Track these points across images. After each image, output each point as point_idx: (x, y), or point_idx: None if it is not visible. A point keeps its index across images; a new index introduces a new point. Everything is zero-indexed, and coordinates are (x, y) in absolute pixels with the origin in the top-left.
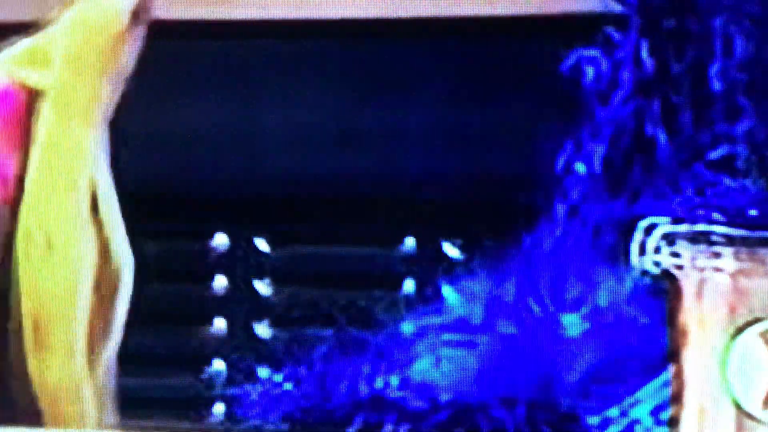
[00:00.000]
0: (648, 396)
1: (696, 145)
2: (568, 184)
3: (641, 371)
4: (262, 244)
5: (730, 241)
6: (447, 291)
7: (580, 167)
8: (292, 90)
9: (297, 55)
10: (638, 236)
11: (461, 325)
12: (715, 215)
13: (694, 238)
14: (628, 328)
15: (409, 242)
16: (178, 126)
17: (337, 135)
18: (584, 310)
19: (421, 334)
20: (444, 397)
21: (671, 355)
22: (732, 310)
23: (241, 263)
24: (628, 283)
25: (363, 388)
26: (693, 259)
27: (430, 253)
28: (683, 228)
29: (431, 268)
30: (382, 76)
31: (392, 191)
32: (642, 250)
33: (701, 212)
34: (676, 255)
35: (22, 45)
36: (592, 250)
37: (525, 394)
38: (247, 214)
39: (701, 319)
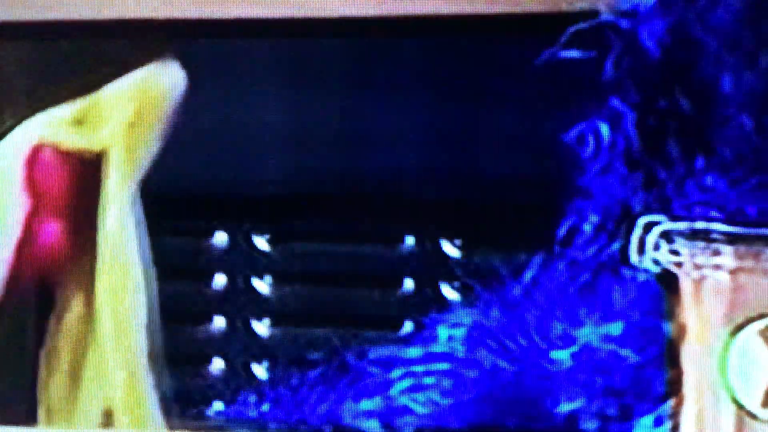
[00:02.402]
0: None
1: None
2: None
3: (634, 410)
4: (261, 243)
5: (729, 238)
6: (446, 290)
7: (584, 227)
8: (291, 89)
9: (296, 54)
10: (637, 234)
11: (445, 355)
12: (714, 213)
13: (693, 236)
14: (620, 368)
15: (409, 241)
16: (177, 124)
17: (337, 133)
18: (573, 348)
19: (405, 361)
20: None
21: (670, 354)
22: (731, 308)
23: (241, 261)
24: (621, 324)
25: (344, 414)
26: (692, 256)
27: (429, 252)
28: (682, 225)
29: (431, 267)
30: (383, 74)
31: (392, 190)
32: (641, 248)
33: (700, 210)
34: (675, 253)
35: (66, 110)
36: (583, 289)
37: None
38: (246, 213)
39: (700, 316)
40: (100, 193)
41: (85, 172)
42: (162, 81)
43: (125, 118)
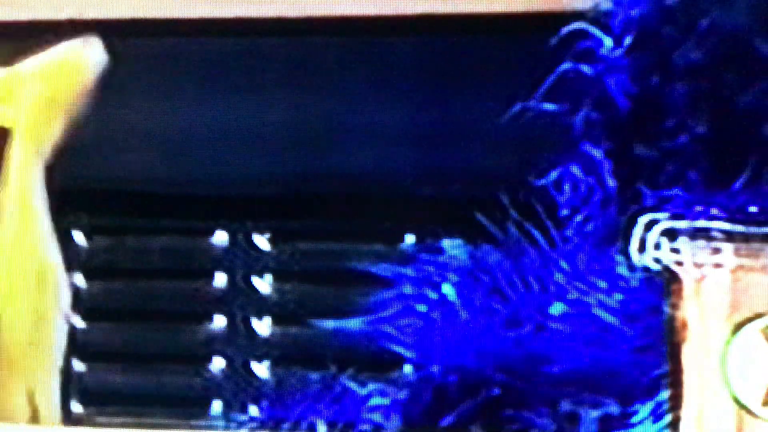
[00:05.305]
0: (643, 418)
1: None
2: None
3: (633, 393)
4: (261, 242)
5: (729, 237)
6: (446, 288)
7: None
8: (291, 89)
9: (296, 53)
10: (638, 232)
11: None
12: (715, 211)
13: (694, 234)
14: (617, 343)
15: (409, 239)
16: (178, 124)
17: (337, 132)
18: (571, 308)
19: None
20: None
21: (671, 351)
22: (732, 307)
23: (241, 260)
24: (619, 296)
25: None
26: (693, 255)
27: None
28: (683, 224)
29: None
30: (382, 73)
31: (392, 189)
32: (642, 247)
33: (700, 208)
34: (676, 251)
35: None
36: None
37: (501, 377)
38: (246, 212)
39: (701, 315)
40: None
41: None
42: (80, 58)
43: (35, 96)
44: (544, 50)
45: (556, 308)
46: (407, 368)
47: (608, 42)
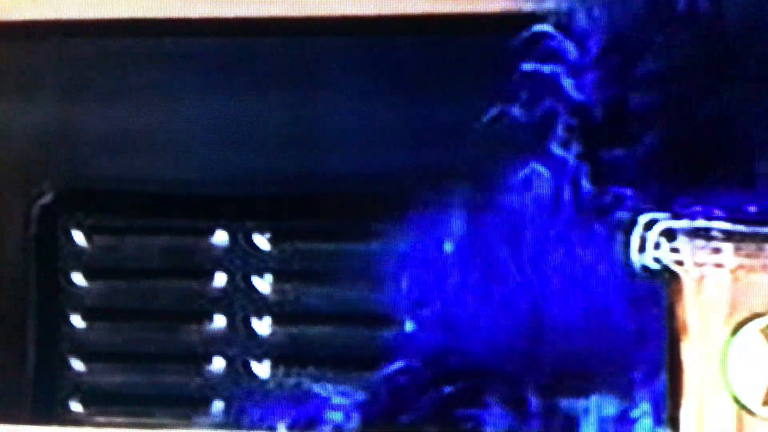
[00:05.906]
0: (642, 413)
1: None
2: None
3: (632, 381)
4: (261, 241)
5: (729, 236)
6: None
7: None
8: (290, 88)
9: (296, 53)
10: (638, 232)
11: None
12: (715, 211)
13: (694, 234)
14: (615, 331)
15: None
16: (178, 124)
17: (336, 132)
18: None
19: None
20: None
21: (670, 351)
22: (732, 306)
23: (241, 260)
24: (620, 282)
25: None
26: (693, 254)
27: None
28: (683, 223)
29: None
30: (382, 73)
31: (392, 188)
32: (642, 246)
33: (700, 208)
34: (675, 251)
35: None
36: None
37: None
38: (246, 212)
39: (701, 314)
40: None
41: None
42: None
43: None
44: (518, 50)
45: (552, 289)
46: (383, 367)
47: (572, 46)
